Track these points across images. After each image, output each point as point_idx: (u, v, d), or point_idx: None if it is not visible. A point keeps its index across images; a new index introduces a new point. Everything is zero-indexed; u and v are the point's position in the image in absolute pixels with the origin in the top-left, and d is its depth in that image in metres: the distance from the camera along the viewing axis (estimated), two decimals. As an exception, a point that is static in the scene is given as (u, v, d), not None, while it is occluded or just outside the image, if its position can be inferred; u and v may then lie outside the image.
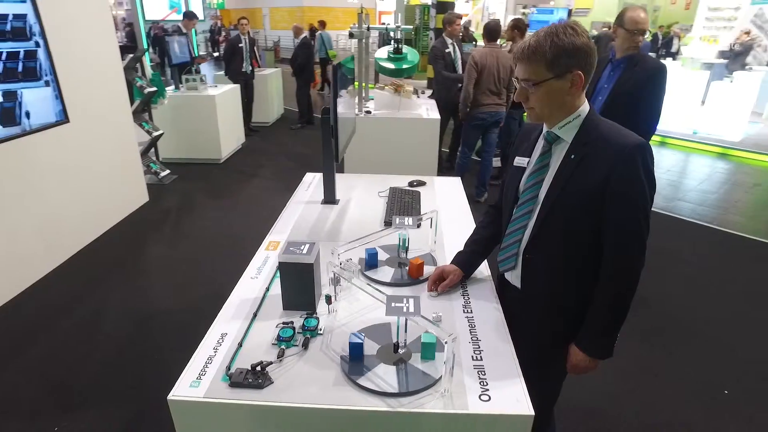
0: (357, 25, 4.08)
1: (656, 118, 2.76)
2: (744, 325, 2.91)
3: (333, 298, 1.38)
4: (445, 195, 2.39)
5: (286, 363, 1.18)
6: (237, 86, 6.01)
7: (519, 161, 1.37)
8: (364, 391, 1.09)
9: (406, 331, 1.20)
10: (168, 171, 5.03)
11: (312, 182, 2.51)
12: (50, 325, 2.73)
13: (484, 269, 1.62)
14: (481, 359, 1.22)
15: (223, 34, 16.31)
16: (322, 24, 9.87)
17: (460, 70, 4.92)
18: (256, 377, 1.11)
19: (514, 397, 1.10)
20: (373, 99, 4.75)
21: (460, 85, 4.91)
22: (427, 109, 4.60)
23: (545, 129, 1.27)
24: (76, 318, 2.80)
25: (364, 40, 4.13)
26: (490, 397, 1.09)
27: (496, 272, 1.59)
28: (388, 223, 1.98)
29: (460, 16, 4.80)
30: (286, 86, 8.12)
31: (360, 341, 1.15)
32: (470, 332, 1.32)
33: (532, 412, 1.06)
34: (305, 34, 7.14)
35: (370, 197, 2.32)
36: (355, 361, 1.16)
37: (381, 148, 4.27)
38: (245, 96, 6.33)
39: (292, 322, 1.32)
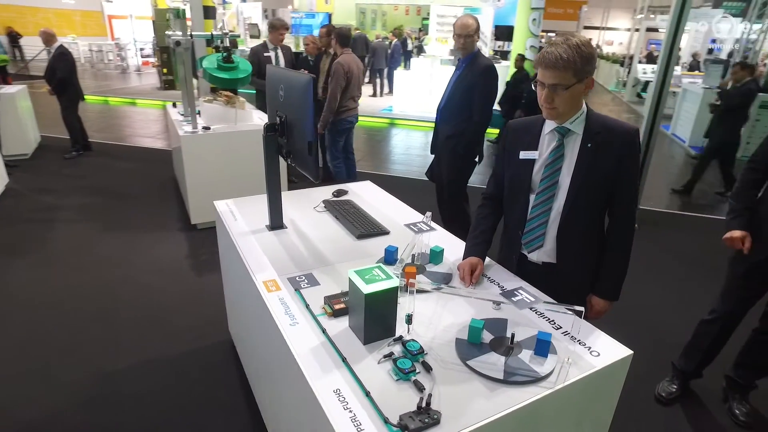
0: (180, 32, 3.61)
1: (489, 108, 3.24)
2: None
3: (413, 317, 1.35)
4: (375, 198, 2.45)
5: (428, 391, 1.14)
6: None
7: (526, 155, 1.57)
8: (518, 386, 1.16)
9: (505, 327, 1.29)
10: None
11: (233, 210, 2.21)
12: None
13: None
14: (560, 327, 1.40)
15: None
16: None
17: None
18: (426, 415, 1.05)
19: (610, 345, 1.33)
20: (198, 113, 4.29)
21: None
22: (261, 119, 4.42)
23: (555, 125, 1.51)
24: None
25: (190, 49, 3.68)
26: (599, 353, 1.29)
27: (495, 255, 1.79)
28: (362, 236, 1.96)
29: (285, 25, 4.68)
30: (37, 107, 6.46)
31: (548, 340, 1.20)
32: (530, 309, 1.49)
33: (631, 351, 1.31)
34: (59, 42, 5.78)
35: (310, 215, 2.20)
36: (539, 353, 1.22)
37: (226, 165, 3.94)
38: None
39: (392, 353, 1.25)
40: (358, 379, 1.17)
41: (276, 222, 2.04)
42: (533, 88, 1.47)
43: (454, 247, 1.85)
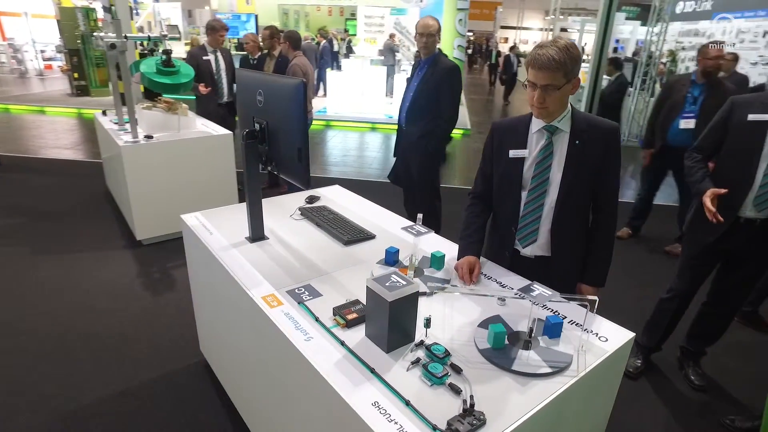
0: (114, 34, 3.33)
1: (455, 107, 3.32)
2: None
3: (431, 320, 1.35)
4: (348, 202, 2.42)
5: (469, 393, 1.15)
6: None
7: (516, 153, 1.63)
8: (546, 378, 1.20)
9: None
10: None
11: (204, 224, 2.08)
12: None
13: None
14: (566, 317, 1.47)
15: None
16: None
17: (224, 84, 4.64)
18: (472, 417, 1.06)
19: (614, 330, 1.42)
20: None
21: (223, 101, 4.66)
22: (204, 126, 4.20)
23: (542, 123, 1.57)
24: None
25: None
26: (607, 338, 1.37)
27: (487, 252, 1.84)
28: (350, 242, 1.93)
29: (225, 26, 4.46)
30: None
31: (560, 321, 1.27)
32: (533, 302, 1.54)
33: (633, 333, 1.40)
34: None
35: (288, 224, 2.13)
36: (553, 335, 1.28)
37: (172, 176, 3.70)
38: None
39: (419, 359, 1.25)
40: (393, 389, 1.15)
41: (257, 233, 1.95)
42: None
43: (444, 247, 1.88)
